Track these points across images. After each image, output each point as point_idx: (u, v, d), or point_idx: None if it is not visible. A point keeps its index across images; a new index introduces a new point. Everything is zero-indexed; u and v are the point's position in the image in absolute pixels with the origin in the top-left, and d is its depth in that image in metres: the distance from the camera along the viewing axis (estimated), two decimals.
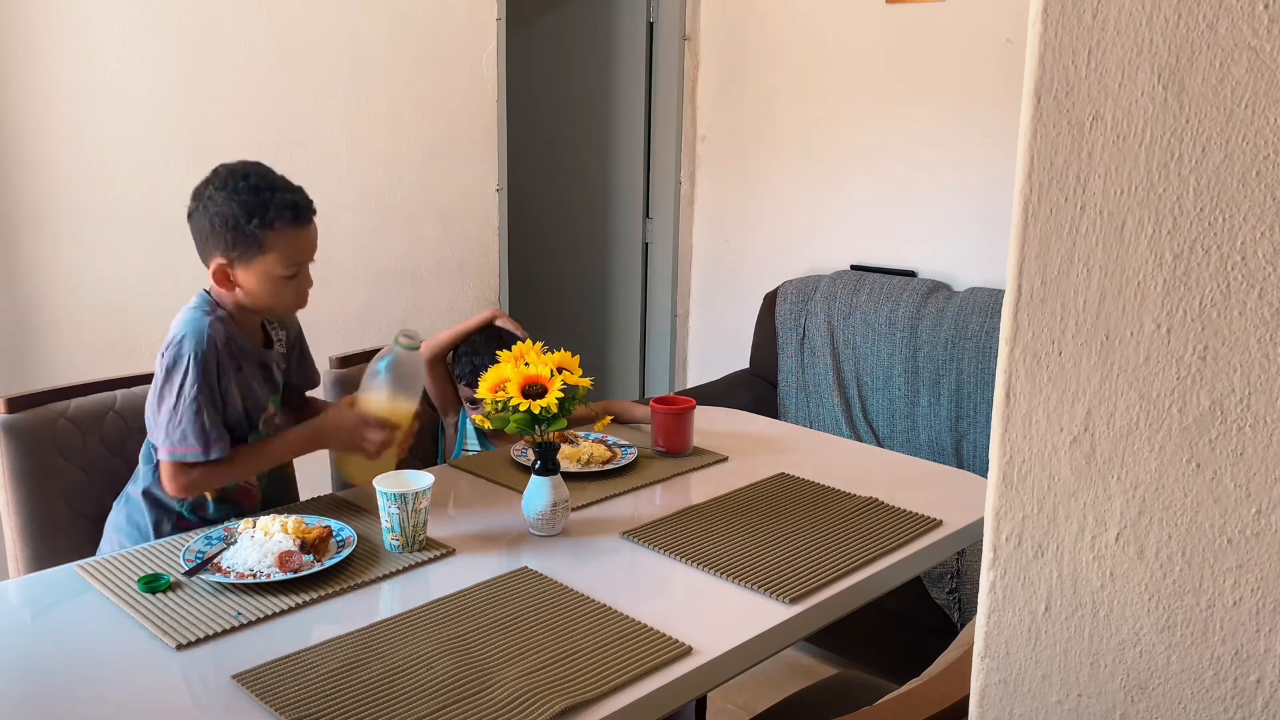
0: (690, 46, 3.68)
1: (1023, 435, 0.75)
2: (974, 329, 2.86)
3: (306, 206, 1.69)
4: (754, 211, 3.62)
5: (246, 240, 1.64)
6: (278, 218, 1.64)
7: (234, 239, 1.64)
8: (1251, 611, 0.68)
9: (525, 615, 1.41)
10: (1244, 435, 0.66)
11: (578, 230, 4.23)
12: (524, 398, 1.63)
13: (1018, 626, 0.78)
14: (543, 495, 1.66)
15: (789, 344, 3.24)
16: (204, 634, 1.34)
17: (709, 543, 1.64)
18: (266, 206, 1.64)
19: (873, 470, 2.06)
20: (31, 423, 1.76)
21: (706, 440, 2.13)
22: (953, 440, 2.92)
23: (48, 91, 2.43)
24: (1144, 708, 0.73)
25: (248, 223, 1.63)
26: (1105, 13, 0.67)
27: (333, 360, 2.22)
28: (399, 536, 1.58)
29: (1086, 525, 0.73)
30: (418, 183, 3.13)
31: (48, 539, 1.76)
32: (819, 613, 1.49)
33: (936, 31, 3.06)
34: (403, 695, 1.21)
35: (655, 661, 1.30)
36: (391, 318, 3.10)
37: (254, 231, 1.63)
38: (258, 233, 1.63)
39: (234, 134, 2.72)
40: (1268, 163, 0.62)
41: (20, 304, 2.46)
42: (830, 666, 2.71)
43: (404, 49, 3.03)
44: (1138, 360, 0.69)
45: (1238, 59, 0.63)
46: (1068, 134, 0.69)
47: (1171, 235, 0.66)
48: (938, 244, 3.16)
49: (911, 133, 3.16)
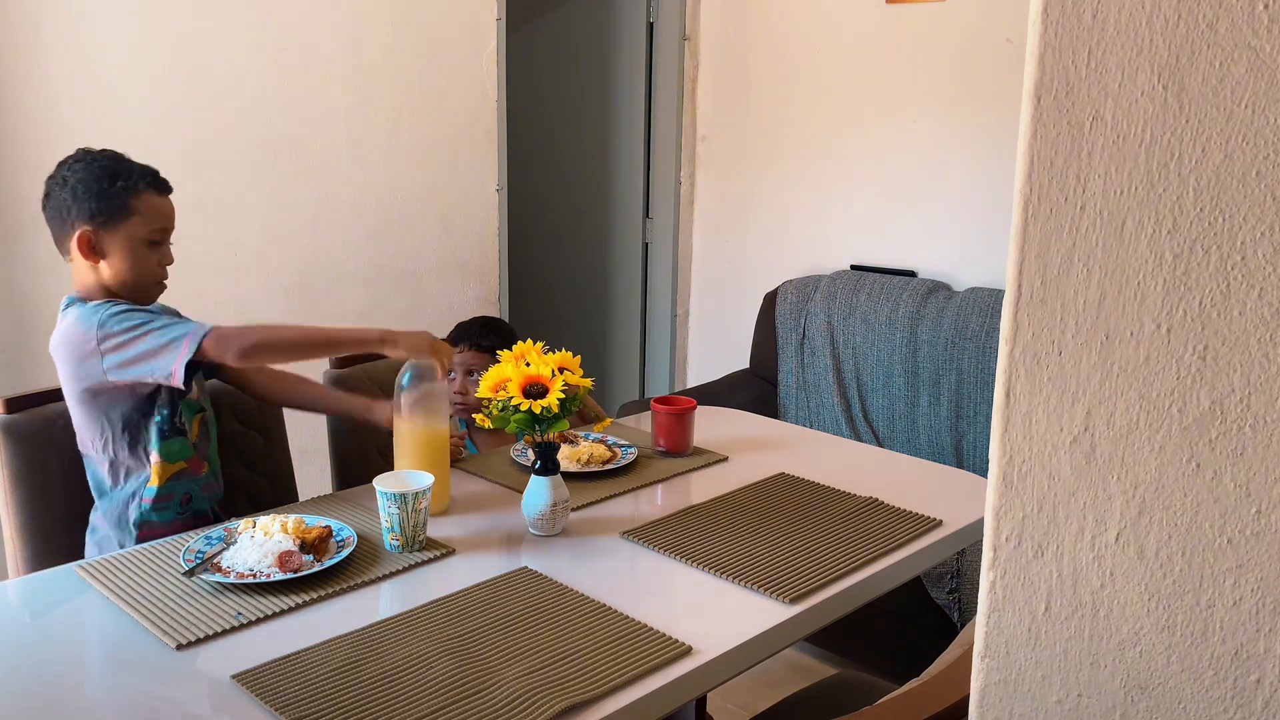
0: (690, 46, 3.68)
1: (1023, 435, 0.75)
2: (974, 329, 2.86)
3: (164, 180, 1.74)
4: (754, 211, 3.62)
5: (112, 201, 1.67)
6: (140, 179, 1.69)
7: (99, 204, 1.67)
8: (1251, 611, 0.68)
9: (525, 615, 1.40)
10: (1244, 435, 0.66)
11: (578, 230, 4.23)
12: (525, 398, 1.63)
13: (1018, 626, 0.78)
14: (543, 495, 1.66)
15: (789, 344, 3.24)
16: (204, 634, 1.34)
17: (709, 543, 1.64)
18: (129, 171, 1.70)
19: (873, 470, 2.06)
20: (31, 423, 1.76)
21: (706, 440, 2.13)
22: (953, 440, 2.92)
23: (48, 91, 2.43)
24: (1144, 708, 0.73)
25: (111, 185, 1.67)
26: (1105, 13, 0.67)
27: (333, 360, 2.22)
28: (399, 536, 1.58)
29: (1086, 525, 0.73)
30: (418, 183, 3.13)
31: (48, 539, 1.76)
32: (819, 613, 1.49)
33: (936, 31, 3.06)
34: (403, 695, 1.21)
35: (655, 661, 1.30)
36: (391, 318, 3.10)
37: (119, 192, 1.67)
38: (122, 193, 1.67)
39: (234, 134, 2.72)
40: (1268, 163, 0.62)
41: (20, 304, 2.46)
42: (830, 666, 2.71)
43: (404, 49, 3.03)
44: (1138, 360, 0.69)
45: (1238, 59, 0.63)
46: (1068, 134, 0.69)
47: (1171, 235, 0.66)
48: (938, 244, 3.16)
49: (911, 133, 3.16)
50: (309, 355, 1.80)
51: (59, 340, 1.69)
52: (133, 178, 1.69)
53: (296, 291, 2.91)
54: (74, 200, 1.67)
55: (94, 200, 1.67)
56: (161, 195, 1.73)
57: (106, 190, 1.67)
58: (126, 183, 1.68)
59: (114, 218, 1.68)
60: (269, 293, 2.85)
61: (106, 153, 1.72)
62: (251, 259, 2.81)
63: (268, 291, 2.85)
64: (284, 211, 2.86)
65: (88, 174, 1.67)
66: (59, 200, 1.69)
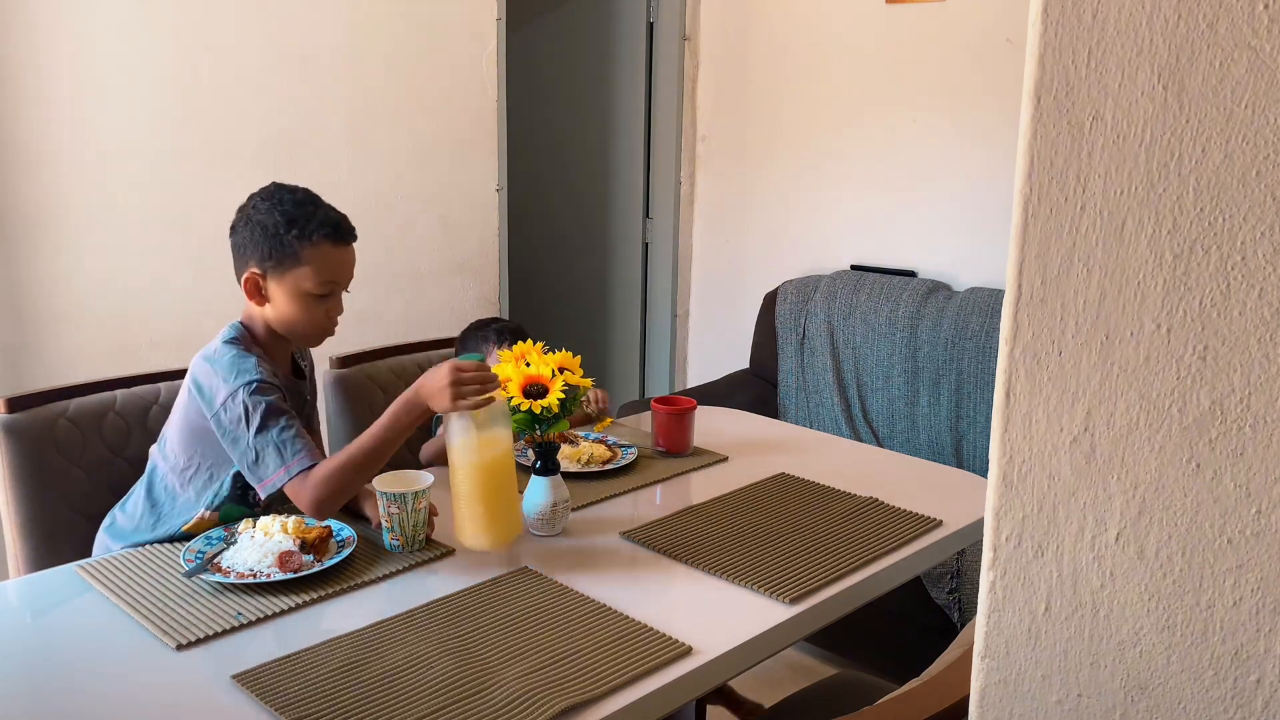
0: (690, 46, 3.68)
1: (1023, 435, 0.75)
2: (974, 329, 2.86)
3: (348, 230, 1.69)
4: (754, 211, 3.62)
5: (283, 249, 1.63)
6: (317, 230, 1.64)
7: (270, 248, 1.64)
8: (1251, 611, 0.67)
9: (525, 615, 1.40)
10: (1244, 435, 0.66)
11: (578, 230, 4.23)
12: (525, 398, 1.63)
13: (1018, 626, 0.78)
14: (543, 495, 1.66)
15: (789, 344, 3.24)
16: (204, 634, 1.34)
17: (709, 543, 1.64)
18: (309, 219, 1.64)
19: (873, 470, 2.06)
20: (31, 423, 1.76)
21: (706, 440, 2.13)
22: (953, 440, 2.92)
23: (48, 92, 2.43)
24: (1144, 708, 0.73)
25: (287, 232, 1.63)
26: (1105, 13, 0.67)
27: (333, 360, 2.22)
28: (399, 536, 1.58)
29: (1086, 525, 0.73)
30: (418, 183, 3.13)
31: (48, 539, 1.76)
32: (819, 613, 1.49)
33: (936, 31, 3.06)
34: (403, 695, 1.21)
35: (655, 661, 1.30)
36: (392, 318, 3.11)
37: (291, 241, 1.63)
38: (295, 243, 1.63)
39: (234, 134, 2.72)
40: (1268, 163, 0.62)
41: (20, 304, 2.46)
42: (830, 666, 2.71)
43: (404, 49, 3.03)
44: (1138, 360, 0.69)
45: (1238, 59, 0.63)
46: (1067, 134, 0.69)
47: (1171, 235, 0.66)
48: (938, 244, 3.16)
49: (911, 133, 3.16)
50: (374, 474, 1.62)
51: (197, 370, 1.65)
52: (310, 226, 1.63)
53: None
54: (250, 240, 1.65)
55: (266, 243, 1.63)
56: (338, 246, 1.67)
57: (281, 236, 1.63)
58: (302, 231, 1.63)
59: (282, 265, 1.64)
60: None
61: (297, 194, 1.67)
62: None
63: None
64: None
65: (269, 216, 1.64)
66: (240, 236, 1.67)
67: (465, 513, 1.58)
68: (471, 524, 1.58)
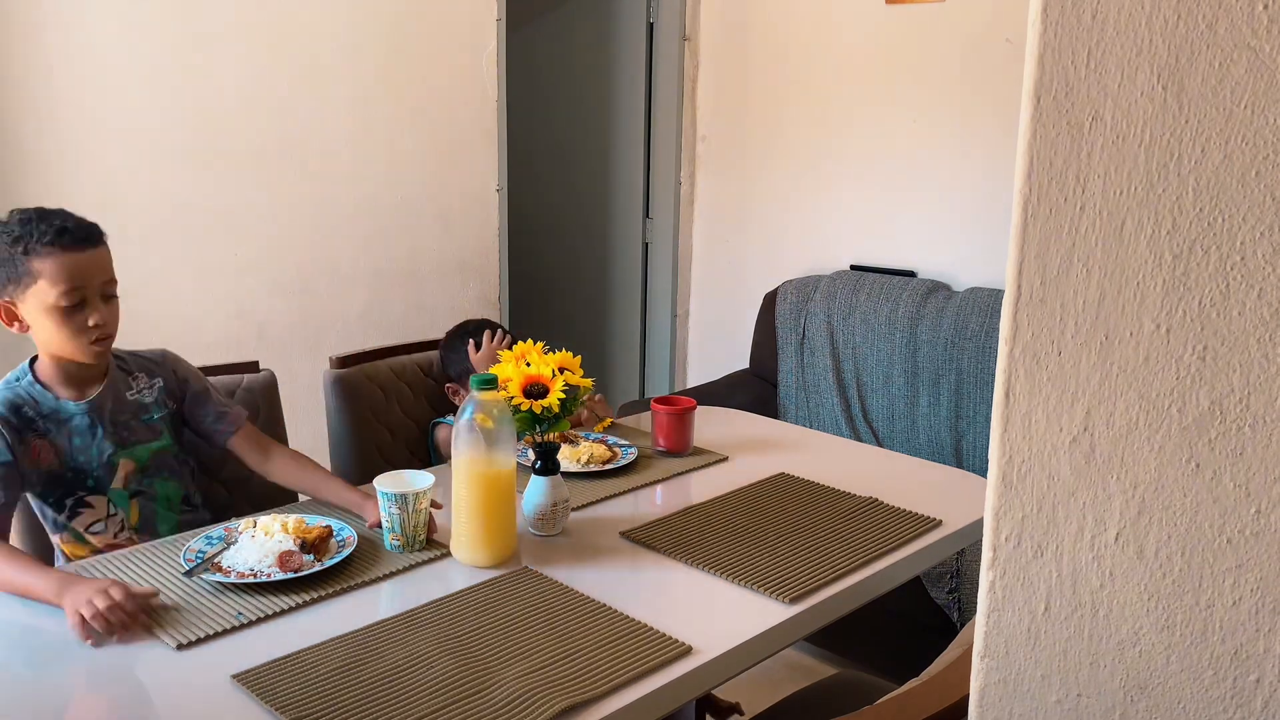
0: (690, 46, 3.68)
1: (1022, 435, 0.75)
2: (974, 329, 2.86)
3: (78, 230, 1.58)
4: (754, 211, 3.62)
5: (16, 269, 1.56)
6: (40, 240, 1.55)
7: (6, 274, 1.57)
8: (1251, 611, 0.68)
9: (525, 615, 1.41)
10: (1244, 435, 0.66)
11: (578, 230, 4.23)
12: (525, 398, 1.63)
13: (1017, 626, 0.78)
14: (542, 495, 1.66)
15: (789, 344, 3.24)
16: (204, 634, 1.34)
17: (709, 543, 1.64)
18: (31, 233, 1.56)
19: (873, 470, 2.06)
20: None
21: (706, 440, 2.13)
22: (952, 440, 2.92)
23: (47, 92, 2.43)
24: (1143, 708, 0.73)
25: (15, 251, 1.55)
26: (1105, 13, 0.67)
27: (333, 360, 2.22)
28: (399, 536, 1.58)
29: (1086, 525, 0.73)
30: (418, 183, 3.13)
31: (47, 538, 1.76)
32: (819, 613, 1.49)
33: (936, 31, 3.06)
34: (403, 695, 1.21)
35: (655, 661, 1.30)
36: (392, 318, 3.11)
37: (20, 259, 1.55)
38: (24, 260, 1.55)
39: (234, 134, 2.72)
40: (1268, 163, 0.62)
41: None
42: (830, 666, 2.71)
43: (404, 49, 3.03)
44: (1137, 360, 0.69)
45: (1237, 59, 0.63)
46: (1067, 134, 0.69)
47: (1171, 235, 0.66)
48: (938, 244, 3.16)
49: (911, 133, 3.16)
50: None
51: None
52: (33, 239, 1.55)
53: (298, 292, 2.91)
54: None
55: (2, 270, 1.57)
56: (71, 251, 1.56)
57: (13, 258, 1.55)
58: (27, 246, 1.55)
59: (20, 285, 1.57)
60: (270, 293, 2.85)
61: (28, 212, 1.58)
62: (253, 260, 2.81)
63: (269, 292, 2.85)
64: (285, 212, 2.86)
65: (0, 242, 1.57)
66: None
67: (462, 528, 1.56)
68: (469, 539, 1.56)
